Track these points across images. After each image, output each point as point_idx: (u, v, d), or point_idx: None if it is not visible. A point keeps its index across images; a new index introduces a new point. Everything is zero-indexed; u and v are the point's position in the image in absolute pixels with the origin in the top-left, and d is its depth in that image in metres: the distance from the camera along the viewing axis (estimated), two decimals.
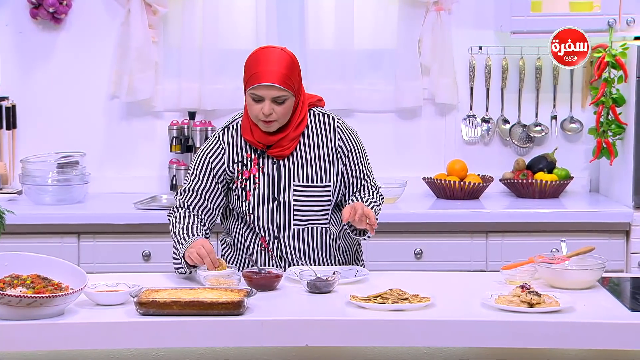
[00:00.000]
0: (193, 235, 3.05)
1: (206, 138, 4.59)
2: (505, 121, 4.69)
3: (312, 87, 4.60)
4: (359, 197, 3.18)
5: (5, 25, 4.60)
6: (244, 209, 3.16)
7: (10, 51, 4.61)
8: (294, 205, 3.14)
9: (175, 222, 3.11)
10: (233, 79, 4.64)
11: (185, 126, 4.60)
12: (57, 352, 2.71)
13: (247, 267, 3.19)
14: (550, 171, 4.57)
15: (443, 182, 4.46)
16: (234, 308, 2.68)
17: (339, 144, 3.18)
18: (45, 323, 2.63)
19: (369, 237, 3.16)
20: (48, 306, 2.63)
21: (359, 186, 3.21)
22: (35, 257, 2.82)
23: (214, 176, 3.15)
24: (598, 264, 3.03)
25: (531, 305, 2.74)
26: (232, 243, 3.26)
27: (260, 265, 3.17)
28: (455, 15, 4.61)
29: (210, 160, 3.16)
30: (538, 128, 4.68)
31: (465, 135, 4.68)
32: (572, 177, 4.57)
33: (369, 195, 3.19)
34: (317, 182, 3.15)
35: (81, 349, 2.69)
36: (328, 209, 3.18)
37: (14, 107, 4.59)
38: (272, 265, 3.16)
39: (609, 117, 4.31)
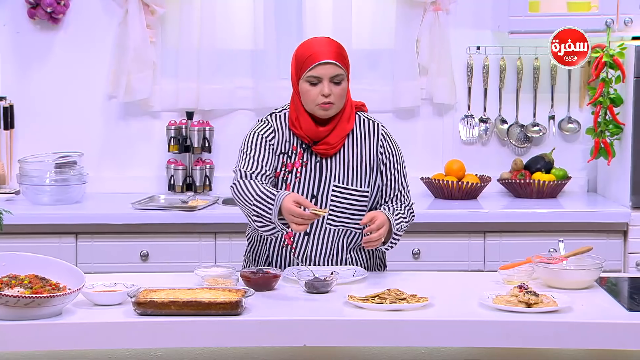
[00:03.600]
0: (273, 195, 2.94)
1: (204, 138, 4.59)
2: (503, 121, 4.69)
3: None
4: (391, 208, 3.16)
5: (2, 25, 4.60)
6: None
7: (8, 51, 4.61)
8: (331, 205, 3.14)
9: (248, 188, 2.99)
10: (231, 79, 4.64)
11: (183, 126, 4.59)
12: (55, 352, 2.71)
13: (265, 264, 3.20)
14: (548, 171, 4.57)
15: (441, 182, 4.46)
16: (232, 308, 2.68)
17: (380, 151, 3.19)
18: (43, 323, 2.63)
19: (386, 248, 3.14)
20: (46, 306, 2.63)
21: (391, 196, 3.20)
22: (33, 257, 2.82)
23: (270, 147, 3.12)
24: (596, 264, 3.04)
25: (529, 305, 2.74)
26: (257, 236, 3.24)
27: (280, 265, 3.16)
28: (453, 15, 4.61)
29: (265, 137, 3.14)
30: (536, 128, 4.68)
31: (463, 135, 4.68)
32: (569, 177, 4.57)
33: (400, 209, 3.16)
34: (356, 186, 3.15)
35: (79, 349, 2.69)
36: (363, 215, 3.17)
37: (11, 107, 4.59)
38: (292, 265, 3.15)
39: (607, 117, 4.32)
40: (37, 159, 4.44)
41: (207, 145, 4.59)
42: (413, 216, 3.22)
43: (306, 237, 3.16)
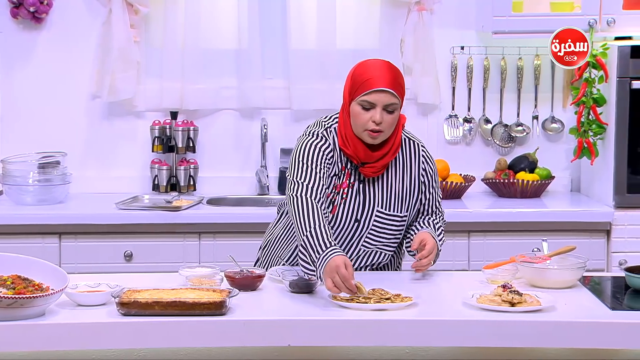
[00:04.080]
0: (329, 244, 2.84)
1: (188, 138, 4.58)
2: (487, 121, 4.70)
3: (295, 87, 4.60)
4: (431, 223, 3.15)
5: None
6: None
7: None
8: (371, 229, 3.12)
9: (308, 214, 2.90)
10: (215, 79, 4.63)
11: (167, 126, 4.58)
12: (38, 353, 2.69)
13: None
14: (531, 171, 4.58)
15: None
16: (216, 308, 2.67)
17: (422, 174, 3.15)
18: (26, 324, 2.62)
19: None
20: (29, 307, 2.62)
21: (429, 212, 3.20)
22: (16, 258, 2.81)
23: (328, 166, 3.04)
24: (579, 263, 3.05)
25: (512, 304, 2.75)
26: (282, 235, 3.22)
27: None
28: (437, 15, 4.62)
29: (325, 154, 3.04)
30: (519, 128, 4.70)
31: (447, 135, 4.69)
32: (553, 177, 4.59)
33: (439, 222, 3.18)
34: (397, 212, 3.12)
35: (62, 350, 2.68)
36: (398, 239, 3.16)
37: None
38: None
39: (590, 117, 4.34)
40: (20, 159, 4.42)
41: (191, 145, 4.58)
42: (445, 223, 3.24)
43: None
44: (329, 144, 3.07)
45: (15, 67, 4.60)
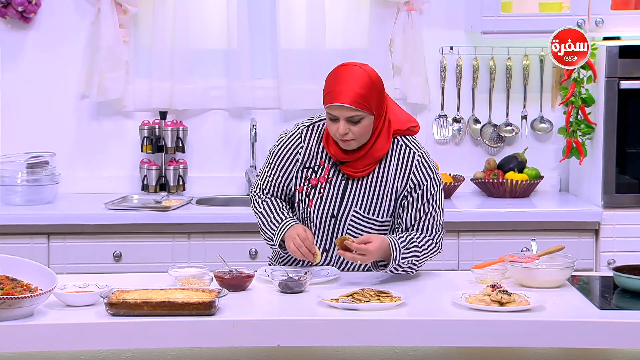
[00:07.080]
0: (285, 217, 3.09)
1: (178, 138, 4.58)
2: (476, 121, 4.71)
3: (284, 87, 4.60)
4: (404, 237, 3.03)
5: None
6: (304, 216, 3.13)
7: None
8: (349, 228, 3.11)
9: (261, 205, 3.17)
10: (204, 79, 4.63)
11: (157, 126, 4.58)
12: (26, 354, 2.69)
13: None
14: (520, 171, 4.59)
15: None
16: (205, 308, 2.67)
17: (411, 179, 3.07)
18: (14, 324, 2.61)
19: (391, 270, 3.03)
20: (17, 307, 2.61)
21: (413, 223, 3.07)
22: (4, 258, 2.80)
23: (292, 163, 3.13)
24: (568, 263, 3.06)
25: (501, 304, 2.76)
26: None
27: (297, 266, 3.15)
28: (426, 15, 4.63)
29: (291, 150, 3.12)
30: (508, 128, 4.71)
31: (436, 135, 4.70)
32: (542, 177, 4.60)
33: (417, 241, 3.04)
34: (377, 216, 3.10)
35: (51, 350, 2.67)
36: None
37: None
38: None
39: (579, 117, 4.35)
40: (9, 159, 4.41)
41: (180, 145, 4.58)
42: (433, 248, 3.09)
43: (325, 253, 3.15)
44: (300, 140, 3.11)
45: (3, 67, 4.58)
